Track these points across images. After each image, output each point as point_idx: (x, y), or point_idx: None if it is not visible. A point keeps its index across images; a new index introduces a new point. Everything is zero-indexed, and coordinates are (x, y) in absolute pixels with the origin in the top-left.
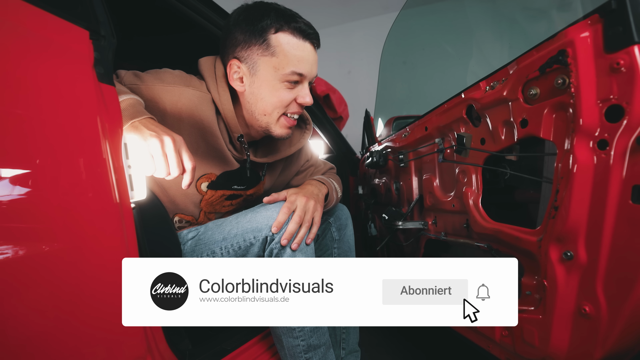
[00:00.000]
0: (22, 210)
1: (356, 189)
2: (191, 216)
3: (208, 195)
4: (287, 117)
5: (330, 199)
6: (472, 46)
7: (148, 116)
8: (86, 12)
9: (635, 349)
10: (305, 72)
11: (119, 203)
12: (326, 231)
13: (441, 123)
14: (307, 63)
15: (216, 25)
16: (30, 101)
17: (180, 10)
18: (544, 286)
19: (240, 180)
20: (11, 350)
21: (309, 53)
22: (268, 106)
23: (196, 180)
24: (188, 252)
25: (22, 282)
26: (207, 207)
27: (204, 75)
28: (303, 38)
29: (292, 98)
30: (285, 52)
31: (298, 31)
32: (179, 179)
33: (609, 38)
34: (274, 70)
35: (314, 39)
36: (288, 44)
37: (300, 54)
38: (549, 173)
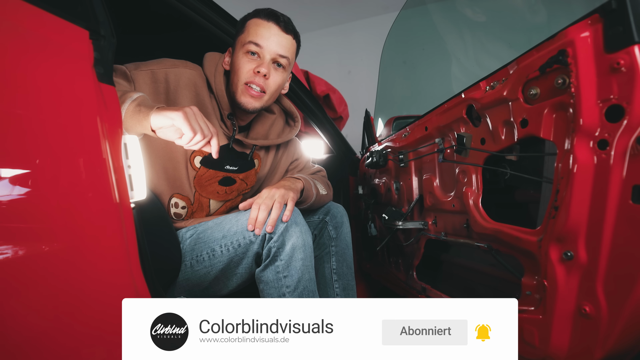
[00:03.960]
0: (22, 210)
1: (356, 189)
2: (186, 197)
3: (201, 172)
4: (249, 87)
5: (308, 195)
6: (472, 46)
7: (161, 105)
8: (86, 11)
9: (636, 349)
10: (263, 43)
11: (118, 203)
12: (323, 230)
13: (441, 123)
14: (265, 38)
15: (215, 24)
16: (30, 101)
17: (178, 9)
18: (544, 286)
19: (232, 160)
20: (11, 351)
21: (270, 30)
22: (234, 74)
23: (190, 153)
24: (187, 251)
25: (22, 282)
26: (199, 187)
27: (205, 61)
28: (267, 19)
29: (251, 68)
30: (249, 28)
31: (265, 14)
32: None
33: (609, 38)
34: (241, 45)
35: (280, 21)
36: (254, 23)
37: (261, 30)
38: (549, 173)
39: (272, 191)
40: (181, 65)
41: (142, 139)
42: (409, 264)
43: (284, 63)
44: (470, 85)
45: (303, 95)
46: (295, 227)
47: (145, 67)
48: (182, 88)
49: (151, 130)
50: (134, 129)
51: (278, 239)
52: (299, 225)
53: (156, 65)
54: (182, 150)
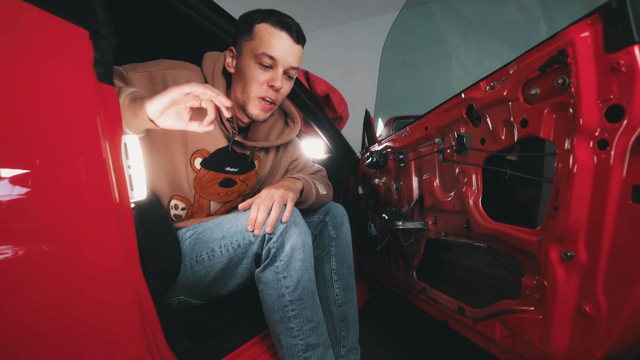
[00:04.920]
0: (22, 210)
1: (356, 189)
2: (186, 199)
3: (201, 174)
4: (262, 100)
5: (308, 195)
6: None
7: None
8: (86, 11)
9: (636, 349)
10: (277, 56)
11: (118, 203)
12: (323, 230)
13: (441, 123)
14: (279, 49)
15: (215, 24)
16: (30, 101)
17: (178, 9)
18: (544, 286)
19: (233, 161)
20: (11, 351)
21: (284, 41)
22: (245, 84)
23: (190, 155)
24: (187, 251)
25: (22, 282)
26: (199, 189)
27: (204, 61)
28: (280, 28)
29: (265, 80)
30: (262, 37)
31: (277, 22)
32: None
33: (609, 38)
34: (251, 53)
35: (293, 31)
36: (266, 31)
37: (275, 40)
38: (549, 173)
39: (272, 191)
40: (179, 67)
41: (142, 141)
42: (409, 264)
43: (294, 74)
44: (470, 85)
45: (303, 95)
46: (295, 228)
47: (142, 69)
48: None
49: (149, 120)
50: (132, 123)
51: (277, 239)
52: (298, 226)
53: (154, 67)
54: (182, 152)
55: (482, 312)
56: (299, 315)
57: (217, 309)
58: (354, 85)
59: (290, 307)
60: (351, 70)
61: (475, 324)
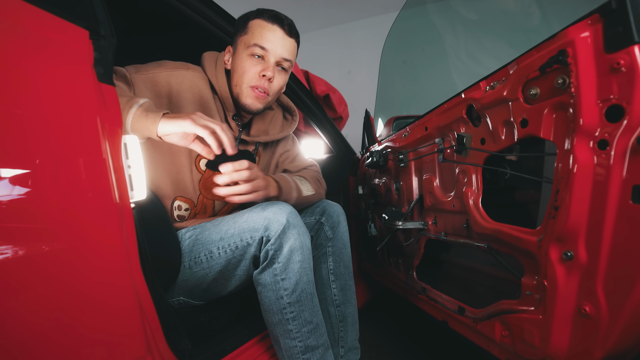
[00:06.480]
0: (22, 210)
1: (356, 189)
2: (190, 200)
3: (207, 175)
4: (254, 89)
5: (287, 199)
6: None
7: (166, 112)
8: (86, 11)
9: (636, 349)
10: (268, 47)
11: (118, 203)
12: (320, 231)
13: (441, 123)
14: (271, 41)
15: (214, 24)
16: (30, 101)
17: (177, 9)
18: (544, 286)
19: (237, 159)
20: (11, 351)
21: (275, 33)
22: (238, 77)
23: (195, 156)
24: (186, 252)
25: (22, 282)
26: (205, 190)
27: (204, 61)
28: (272, 22)
29: (257, 71)
30: (254, 30)
31: (269, 16)
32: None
33: (609, 38)
34: (245, 46)
35: (284, 25)
36: (258, 25)
37: (266, 33)
38: (549, 173)
39: (262, 178)
40: (182, 68)
41: (145, 142)
42: (409, 264)
43: (287, 66)
44: (470, 85)
45: (303, 95)
46: (293, 230)
47: (145, 71)
48: (184, 91)
49: (157, 136)
50: (140, 133)
51: (275, 241)
52: (296, 228)
53: (157, 69)
54: (187, 153)
55: (482, 312)
56: (297, 317)
57: (217, 309)
58: (354, 85)
59: (288, 309)
60: (351, 70)
61: (475, 324)
